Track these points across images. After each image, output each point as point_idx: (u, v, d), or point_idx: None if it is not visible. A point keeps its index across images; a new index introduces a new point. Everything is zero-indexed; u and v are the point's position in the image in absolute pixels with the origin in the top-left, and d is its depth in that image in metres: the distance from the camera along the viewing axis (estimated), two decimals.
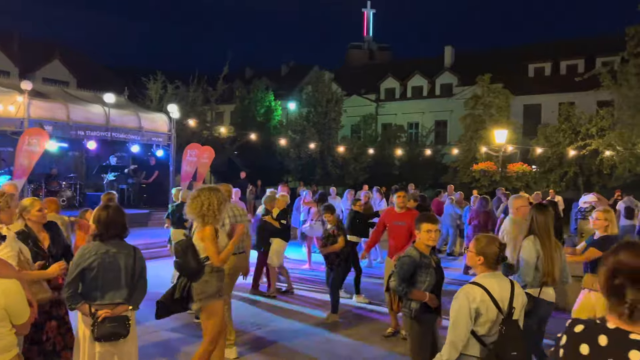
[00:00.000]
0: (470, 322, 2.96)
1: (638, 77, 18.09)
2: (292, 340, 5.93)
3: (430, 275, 3.94)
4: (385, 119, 35.83)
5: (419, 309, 3.91)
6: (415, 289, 3.92)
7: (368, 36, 53.76)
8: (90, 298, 3.52)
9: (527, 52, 33.69)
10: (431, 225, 3.99)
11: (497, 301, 2.99)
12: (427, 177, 28.99)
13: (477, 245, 3.11)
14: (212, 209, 4.10)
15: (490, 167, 22.85)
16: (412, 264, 3.91)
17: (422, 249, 4.00)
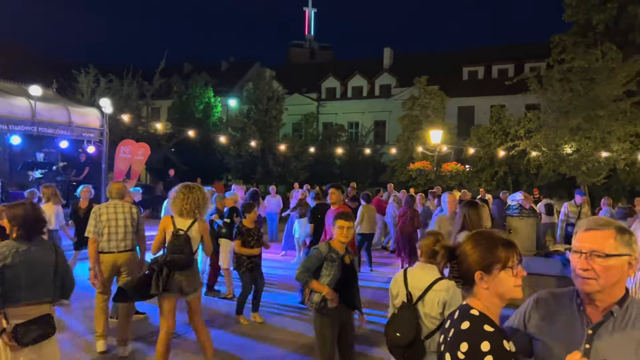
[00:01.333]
0: (392, 300, 3.40)
1: (561, 82, 19.18)
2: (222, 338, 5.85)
3: (334, 270, 3.98)
4: (326, 118, 36.12)
5: (320, 302, 3.98)
6: (315, 280, 4.01)
7: (309, 35, 54.01)
8: (13, 299, 3.31)
9: (462, 56, 35.06)
10: (344, 222, 4.06)
11: (409, 287, 3.26)
12: (366, 176, 29.51)
13: (420, 238, 3.53)
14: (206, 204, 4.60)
15: (426, 166, 23.56)
16: (319, 257, 4.01)
17: (335, 244, 4.07)
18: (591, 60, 18.70)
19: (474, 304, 1.74)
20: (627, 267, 1.71)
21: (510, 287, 1.72)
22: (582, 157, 18.90)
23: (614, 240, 1.70)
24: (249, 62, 41.82)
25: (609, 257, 1.68)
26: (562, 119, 18.87)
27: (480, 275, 1.72)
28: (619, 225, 1.75)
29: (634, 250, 1.71)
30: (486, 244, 1.74)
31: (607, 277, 1.69)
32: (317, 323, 4.07)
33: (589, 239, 1.72)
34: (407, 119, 28.09)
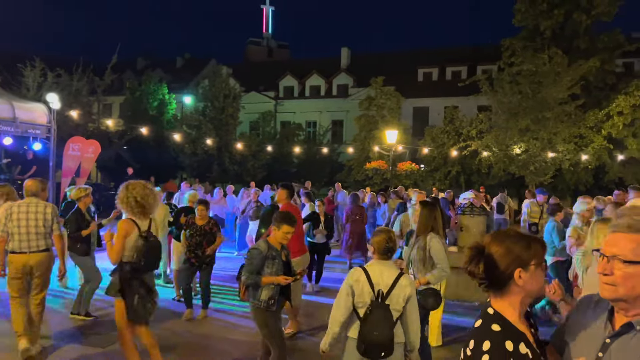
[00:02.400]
0: (348, 299, 3.32)
1: (511, 85, 19.90)
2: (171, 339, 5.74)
3: (276, 266, 4.06)
4: (284, 117, 36.02)
5: (268, 299, 4.03)
6: (264, 275, 4.05)
7: (267, 33, 53.69)
8: None
9: (417, 57, 35.71)
10: (291, 229, 4.13)
11: (373, 285, 3.26)
12: (323, 175, 29.64)
13: (372, 236, 3.49)
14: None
15: (382, 165, 23.89)
16: (260, 257, 4.03)
17: (273, 243, 4.14)
18: (539, 64, 19.48)
19: (496, 304, 1.73)
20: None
21: (542, 283, 1.74)
22: (530, 157, 19.66)
23: (636, 245, 1.54)
24: (205, 58, 41.16)
25: (630, 264, 1.53)
26: (512, 120, 19.55)
27: (519, 272, 1.68)
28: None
29: None
30: (521, 242, 1.72)
31: (630, 288, 1.54)
32: (261, 317, 4.09)
33: (614, 241, 1.59)
34: (364, 119, 28.39)
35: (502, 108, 20.26)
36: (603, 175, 23.00)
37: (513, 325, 1.69)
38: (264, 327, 4.10)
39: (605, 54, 23.53)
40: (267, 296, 4.02)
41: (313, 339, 5.89)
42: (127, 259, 4.23)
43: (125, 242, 4.20)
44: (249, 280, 3.99)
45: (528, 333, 1.72)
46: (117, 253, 4.18)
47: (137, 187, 4.32)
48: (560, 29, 24.40)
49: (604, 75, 23.75)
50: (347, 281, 3.36)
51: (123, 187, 4.37)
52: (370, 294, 3.26)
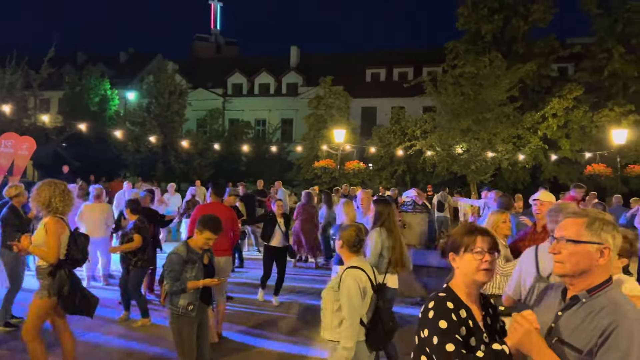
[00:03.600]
0: (362, 301, 3.20)
1: (454, 86, 20.51)
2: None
3: (196, 270, 3.96)
4: (233, 115, 35.57)
5: (186, 305, 3.93)
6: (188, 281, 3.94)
7: (215, 29, 52.83)
8: None
9: (366, 58, 36.18)
10: (213, 236, 4.02)
11: (372, 281, 3.33)
12: (272, 173, 29.47)
13: (341, 232, 3.47)
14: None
15: (330, 164, 24.07)
16: (180, 261, 3.92)
17: (194, 246, 4.03)
18: (480, 67, 20.19)
19: (451, 284, 2.04)
20: (598, 256, 1.76)
21: (472, 269, 1.98)
22: (471, 157, 20.34)
23: (582, 228, 1.78)
24: (150, 53, 40.04)
25: (573, 242, 1.78)
26: (454, 121, 20.15)
27: (452, 256, 2.04)
28: (594, 215, 1.81)
29: (605, 240, 1.76)
30: (461, 231, 2.07)
31: (574, 263, 1.77)
32: (176, 324, 3.97)
33: (562, 225, 1.85)
34: (313, 118, 28.49)
35: (445, 109, 20.85)
36: (539, 174, 24.15)
37: (458, 296, 1.97)
38: (177, 334, 3.97)
39: (541, 58, 24.73)
40: (186, 302, 3.92)
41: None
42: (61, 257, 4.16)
43: (60, 240, 4.11)
44: (174, 287, 3.86)
45: (476, 311, 1.98)
46: (56, 252, 4.07)
47: (49, 187, 4.18)
48: (500, 33, 25.41)
49: (540, 79, 24.94)
50: (354, 282, 3.18)
51: (35, 187, 4.22)
52: (371, 290, 3.30)
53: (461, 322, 1.87)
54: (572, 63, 27.53)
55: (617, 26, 23.91)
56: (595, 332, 1.67)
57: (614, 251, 1.78)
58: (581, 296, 1.78)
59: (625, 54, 23.25)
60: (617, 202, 11.23)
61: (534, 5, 25.01)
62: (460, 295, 1.97)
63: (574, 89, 22.45)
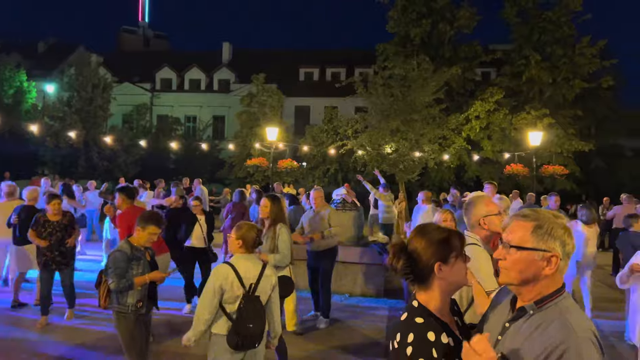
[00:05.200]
0: (214, 297, 3.24)
1: (383, 87, 20.95)
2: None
3: (142, 267, 3.95)
4: (161, 110, 34.43)
5: (136, 302, 3.90)
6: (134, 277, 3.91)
7: (143, 22, 50.98)
8: None
9: (299, 57, 36.26)
10: (157, 229, 4.02)
11: (243, 279, 3.29)
12: (204, 172, 28.83)
13: (238, 231, 3.41)
14: None
15: (263, 162, 23.88)
16: (124, 259, 3.87)
17: (136, 243, 4.01)
18: (408, 69, 20.77)
19: (421, 297, 1.78)
20: (544, 265, 1.57)
21: (464, 274, 1.79)
22: (400, 157, 20.86)
23: (527, 233, 1.59)
24: (72, 44, 37.88)
25: (516, 249, 1.60)
26: (384, 121, 20.58)
27: (439, 265, 1.74)
28: (543, 219, 1.61)
29: (551, 248, 1.57)
30: (439, 236, 1.78)
31: (518, 271, 1.60)
32: (124, 323, 3.90)
33: (509, 228, 1.65)
34: (245, 116, 28.16)
35: (375, 109, 21.23)
36: (463, 174, 25.30)
37: (436, 316, 1.74)
38: (127, 335, 3.90)
39: (466, 63, 25.90)
40: (135, 299, 3.88)
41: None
42: None
43: None
44: (120, 285, 3.78)
45: (452, 322, 1.79)
46: None
47: None
48: (428, 37, 26.33)
49: (464, 83, 26.11)
50: (215, 279, 3.28)
51: None
52: (241, 289, 3.28)
53: (443, 350, 1.67)
54: (494, 68, 29.02)
55: (533, 35, 25.51)
56: (538, 351, 1.49)
57: (565, 258, 1.59)
58: (528, 308, 1.60)
59: (540, 61, 24.83)
60: (530, 199, 11.95)
61: (459, 11, 26.14)
62: (437, 310, 1.76)
63: (495, 93, 23.67)
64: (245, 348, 3.31)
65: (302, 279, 6.80)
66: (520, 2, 25.70)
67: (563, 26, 25.00)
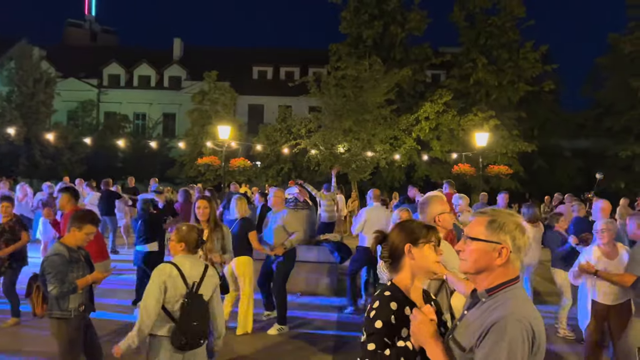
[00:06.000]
0: (160, 294, 3.19)
1: (336, 88, 21.14)
2: None
3: (82, 269, 3.86)
4: (109, 107, 33.35)
5: (78, 306, 3.79)
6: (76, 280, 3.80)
7: (90, 15, 49.16)
8: None
9: (253, 55, 35.99)
10: (93, 229, 3.93)
11: (186, 278, 3.28)
12: (153, 170, 28.13)
13: (178, 233, 3.37)
14: None
15: (214, 161, 23.55)
16: (64, 262, 3.74)
17: (71, 244, 3.88)
18: (360, 70, 21.03)
19: (395, 279, 2.04)
20: (496, 256, 1.74)
21: (432, 261, 2.02)
22: (352, 156, 21.10)
23: (482, 227, 1.77)
24: (13, 36, 35.95)
25: (473, 240, 1.78)
26: (337, 121, 20.76)
27: (409, 247, 2.01)
28: (497, 214, 1.79)
29: (503, 240, 1.73)
30: (412, 225, 2.10)
31: (473, 261, 1.77)
32: (65, 329, 3.75)
33: (470, 223, 1.85)
34: (197, 113, 27.70)
35: (328, 109, 21.38)
36: (413, 173, 25.88)
37: (404, 293, 1.99)
38: (66, 341, 3.75)
39: (416, 65, 26.51)
40: (77, 303, 3.76)
41: None
42: None
43: None
44: (63, 289, 3.63)
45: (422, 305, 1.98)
46: None
47: None
48: (380, 39, 26.78)
49: (415, 84, 26.73)
50: (158, 279, 3.22)
51: None
52: (184, 288, 3.26)
53: (404, 322, 1.88)
54: (444, 70, 29.84)
55: (480, 39, 26.43)
56: (477, 331, 1.66)
57: (516, 252, 1.74)
58: (481, 295, 1.77)
59: (487, 65, 25.75)
60: (482, 199, 12.29)
61: (410, 14, 26.72)
62: (406, 290, 1.99)
63: (444, 95, 24.32)
64: (190, 347, 3.26)
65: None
66: (468, 6, 26.57)
67: (508, 31, 26.04)
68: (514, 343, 1.57)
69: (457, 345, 1.73)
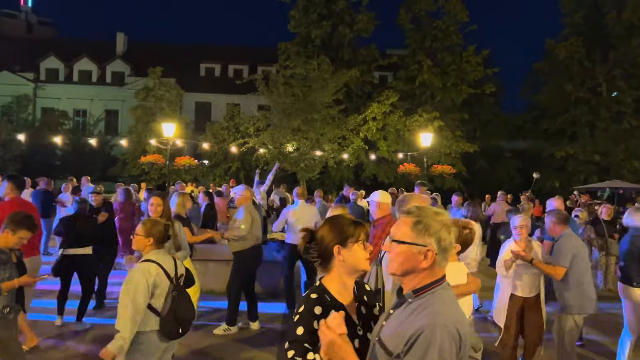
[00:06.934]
0: (148, 293, 3.21)
1: (285, 87, 21.10)
2: None
3: (9, 270, 3.76)
4: (46, 103, 31.78)
5: (2, 309, 3.69)
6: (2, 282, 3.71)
7: (26, 6, 46.63)
8: None
9: (200, 52, 35.30)
10: (28, 234, 3.88)
11: (169, 273, 3.36)
12: (94, 169, 27.07)
13: (144, 228, 3.37)
14: None
15: (159, 160, 22.92)
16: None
17: (1, 245, 3.80)
18: (309, 70, 21.10)
19: (324, 279, 1.98)
20: (422, 258, 1.69)
21: (362, 259, 1.97)
22: (301, 155, 21.14)
23: (408, 228, 1.71)
24: None
25: (398, 243, 1.73)
26: (285, 120, 20.74)
27: (338, 249, 1.94)
28: (423, 215, 1.73)
29: (428, 242, 1.69)
30: (340, 223, 2.00)
31: (399, 263, 1.72)
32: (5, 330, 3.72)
33: (396, 224, 1.79)
34: (141, 110, 26.88)
35: (277, 108, 21.32)
36: (361, 172, 26.22)
37: (332, 295, 1.93)
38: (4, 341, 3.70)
39: (364, 65, 26.87)
40: (1, 305, 3.67)
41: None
42: None
43: None
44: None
45: (351, 306, 1.95)
46: None
47: None
48: (329, 39, 26.94)
49: (363, 85, 27.09)
50: (144, 279, 3.18)
51: None
52: (168, 282, 3.32)
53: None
54: (391, 72, 30.39)
55: (426, 41, 27.12)
56: (405, 336, 1.60)
57: (442, 253, 1.70)
58: (407, 296, 1.72)
59: (432, 67, 26.45)
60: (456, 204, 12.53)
61: (358, 15, 27.04)
62: (335, 291, 1.94)
63: (391, 96, 24.80)
64: (181, 335, 3.40)
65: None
66: (414, 9, 27.19)
67: (452, 35, 26.85)
68: (443, 350, 1.55)
69: (384, 348, 1.67)
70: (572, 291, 4.45)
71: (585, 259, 4.58)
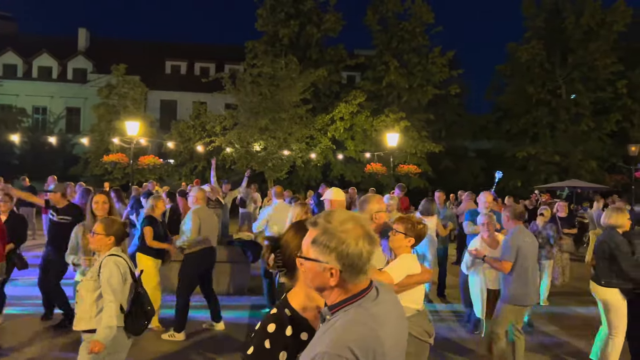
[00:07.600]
0: (122, 285, 3.33)
1: (252, 85, 20.98)
2: None
3: None
4: (3, 100, 30.61)
5: None
6: None
7: None
8: None
9: (165, 50, 34.64)
10: None
11: (132, 270, 3.47)
12: (54, 168, 26.18)
13: (105, 227, 3.41)
14: None
15: (122, 159, 22.42)
16: None
17: None
18: (277, 69, 21.04)
19: (290, 294, 1.76)
20: (328, 276, 1.48)
21: None
22: (268, 155, 21.07)
23: (309, 243, 1.51)
24: None
25: (302, 259, 1.54)
26: (253, 119, 20.63)
27: (301, 261, 1.58)
28: (326, 227, 1.50)
29: (328, 260, 1.47)
30: (306, 228, 1.60)
31: (309, 279, 1.54)
32: None
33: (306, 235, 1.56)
34: (104, 108, 26.21)
35: (244, 107, 21.20)
36: (329, 172, 26.29)
37: (294, 310, 1.71)
38: None
39: (331, 65, 26.94)
40: None
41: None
42: None
43: None
44: None
45: (315, 319, 1.69)
46: None
47: None
48: (297, 38, 26.90)
49: (330, 85, 27.15)
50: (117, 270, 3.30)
51: None
52: (131, 279, 3.42)
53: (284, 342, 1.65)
54: (359, 72, 30.57)
55: (392, 42, 27.39)
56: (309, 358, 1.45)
57: (350, 269, 1.47)
58: (324, 313, 1.54)
59: (399, 68, 26.74)
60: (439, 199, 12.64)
61: (325, 15, 27.09)
62: (299, 305, 1.72)
63: (358, 96, 24.96)
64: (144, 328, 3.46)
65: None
66: (381, 10, 27.43)
67: (418, 36, 27.20)
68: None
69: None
70: (514, 283, 4.68)
71: (530, 254, 4.78)
